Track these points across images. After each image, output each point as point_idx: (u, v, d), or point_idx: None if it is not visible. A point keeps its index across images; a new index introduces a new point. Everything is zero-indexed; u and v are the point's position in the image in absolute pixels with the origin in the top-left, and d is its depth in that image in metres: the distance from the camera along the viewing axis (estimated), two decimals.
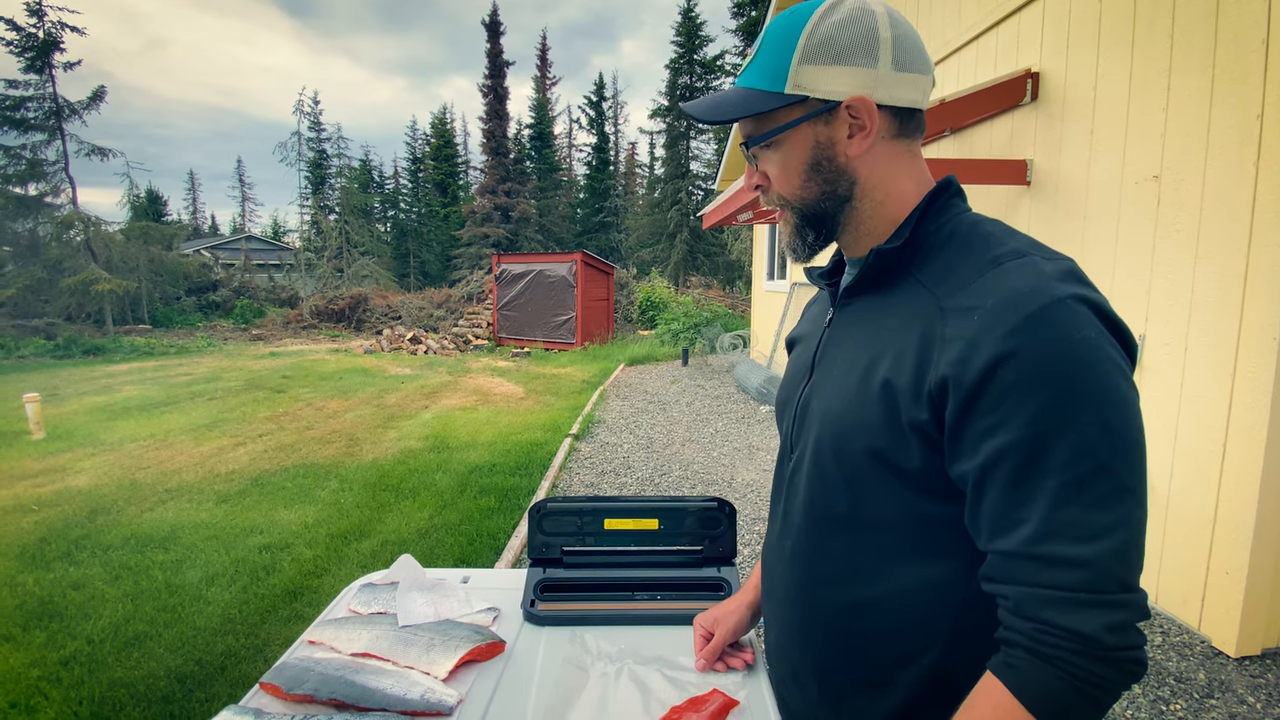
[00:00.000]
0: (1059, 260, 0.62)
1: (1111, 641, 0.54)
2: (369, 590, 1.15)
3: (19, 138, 16.68)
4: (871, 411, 0.67)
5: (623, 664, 0.95)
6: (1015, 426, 0.56)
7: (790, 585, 0.79)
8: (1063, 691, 0.55)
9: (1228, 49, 2.45)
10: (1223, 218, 2.48)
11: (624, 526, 1.16)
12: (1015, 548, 0.57)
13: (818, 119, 0.69)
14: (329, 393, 8.74)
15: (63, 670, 2.52)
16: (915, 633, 0.69)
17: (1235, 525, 2.46)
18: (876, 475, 0.68)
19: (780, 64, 0.69)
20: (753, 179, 0.77)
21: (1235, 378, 2.45)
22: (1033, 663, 0.56)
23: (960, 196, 0.73)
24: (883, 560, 0.70)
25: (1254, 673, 2.41)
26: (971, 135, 4.11)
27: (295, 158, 27.09)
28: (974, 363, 0.58)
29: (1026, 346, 0.56)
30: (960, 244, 0.68)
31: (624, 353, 12.44)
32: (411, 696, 0.87)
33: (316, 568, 3.39)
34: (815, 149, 0.70)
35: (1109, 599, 0.55)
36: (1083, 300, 0.58)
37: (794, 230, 0.76)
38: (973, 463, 0.60)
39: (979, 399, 0.58)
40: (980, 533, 0.61)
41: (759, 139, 0.73)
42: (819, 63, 0.67)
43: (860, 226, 0.74)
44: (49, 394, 8.63)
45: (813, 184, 0.72)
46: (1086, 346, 0.56)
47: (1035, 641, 0.56)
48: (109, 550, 3.64)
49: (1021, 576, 0.57)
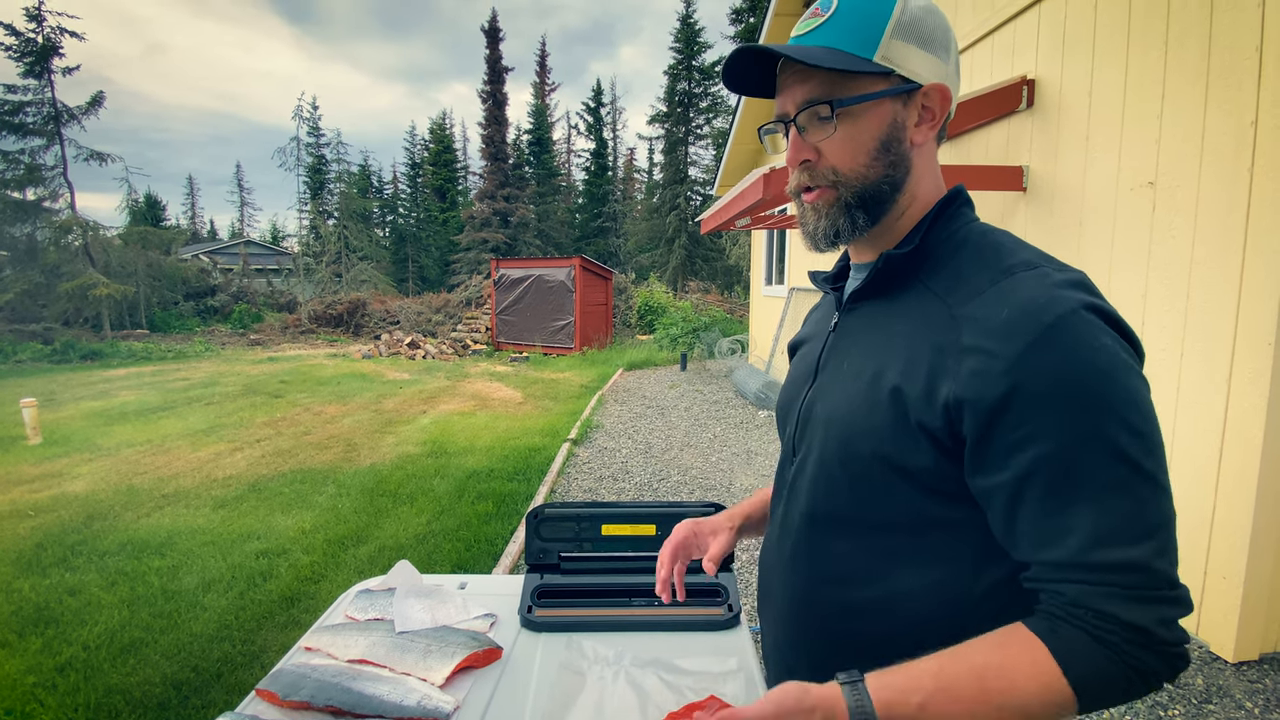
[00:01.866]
0: (1069, 271, 0.63)
1: (1164, 635, 0.56)
2: (366, 596, 1.15)
3: (17, 142, 16.69)
4: (880, 417, 0.67)
5: (620, 669, 0.95)
6: (1046, 438, 0.57)
7: (790, 586, 0.79)
8: (1112, 674, 0.56)
9: (1221, 56, 2.46)
10: (1218, 223, 2.49)
11: (621, 532, 1.17)
12: (1067, 557, 0.58)
13: (899, 97, 0.68)
14: (327, 398, 8.72)
15: (58, 677, 2.50)
16: (914, 635, 0.69)
17: (1232, 530, 2.47)
18: (883, 478, 0.68)
19: (872, 31, 0.66)
20: (801, 151, 0.71)
21: (1231, 382, 2.45)
22: (1088, 644, 0.57)
23: (969, 206, 0.74)
24: (885, 562, 0.70)
25: (1252, 678, 2.41)
26: (968, 141, 4.13)
27: (294, 163, 27.11)
28: (996, 376, 0.59)
29: (1049, 359, 0.57)
30: (971, 252, 0.68)
31: (622, 357, 12.44)
32: (408, 703, 0.87)
33: (314, 573, 3.38)
34: (890, 127, 0.69)
35: (1160, 595, 0.56)
36: (1094, 309, 0.59)
37: (842, 210, 0.71)
38: (1003, 476, 0.60)
39: (1006, 412, 0.58)
40: (1019, 544, 0.61)
41: (843, 102, 0.67)
42: (908, 41, 0.67)
43: (889, 222, 0.73)
44: (46, 399, 8.60)
45: (879, 163, 0.70)
46: (1105, 354, 0.58)
47: (1093, 628, 0.57)
48: (105, 556, 3.63)
49: (1076, 579, 0.58)
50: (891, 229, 0.74)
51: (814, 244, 0.75)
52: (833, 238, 0.73)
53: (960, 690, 0.57)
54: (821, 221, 0.73)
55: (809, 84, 0.69)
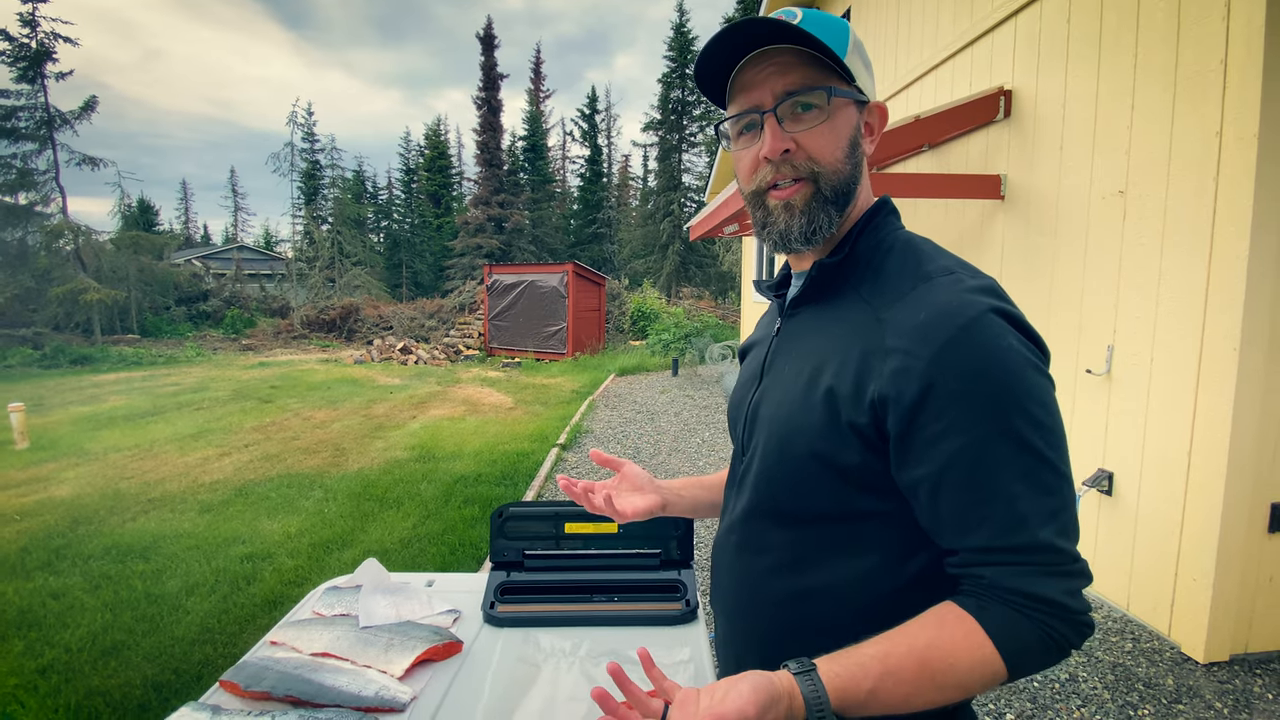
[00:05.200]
0: (981, 278, 0.68)
1: (1072, 604, 0.62)
2: (333, 593, 1.18)
3: (9, 147, 16.70)
4: (815, 416, 0.71)
5: (575, 661, 0.98)
6: (960, 432, 0.62)
7: (736, 577, 0.83)
8: (1033, 644, 0.62)
9: (1188, 68, 2.53)
10: (1185, 231, 2.55)
11: (583, 530, 1.20)
12: (985, 543, 0.63)
13: (860, 105, 0.74)
14: (317, 403, 8.71)
15: (40, 679, 2.51)
16: (852, 621, 0.73)
17: (1201, 532, 2.51)
18: (818, 474, 0.72)
19: (840, 38, 0.71)
20: (780, 141, 0.70)
21: (1199, 388, 2.50)
22: (1013, 618, 0.62)
23: (895, 215, 0.78)
24: (821, 552, 0.74)
25: (1221, 679, 2.45)
26: (948, 151, 4.20)
27: (289, 168, 27.09)
28: (914, 375, 0.63)
29: (961, 358, 0.62)
30: (896, 259, 0.73)
31: (614, 363, 12.47)
32: (366, 694, 0.89)
33: (297, 577, 3.39)
34: (856, 130, 0.74)
35: (1065, 569, 0.63)
36: (1001, 313, 0.64)
37: (820, 205, 0.72)
38: (925, 469, 0.64)
39: (922, 409, 0.63)
40: (943, 532, 0.66)
41: (839, 91, 0.70)
42: (860, 60, 0.73)
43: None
44: (34, 404, 8.57)
45: (850, 160, 0.73)
46: (1012, 354, 0.63)
47: (1014, 604, 0.62)
48: (89, 560, 3.63)
49: (993, 562, 0.64)
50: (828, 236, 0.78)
51: (785, 244, 0.75)
52: (809, 235, 0.73)
53: (905, 672, 0.61)
54: (797, 219, 0.73)
55: (790, 75, 0.70)
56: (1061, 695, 2.38)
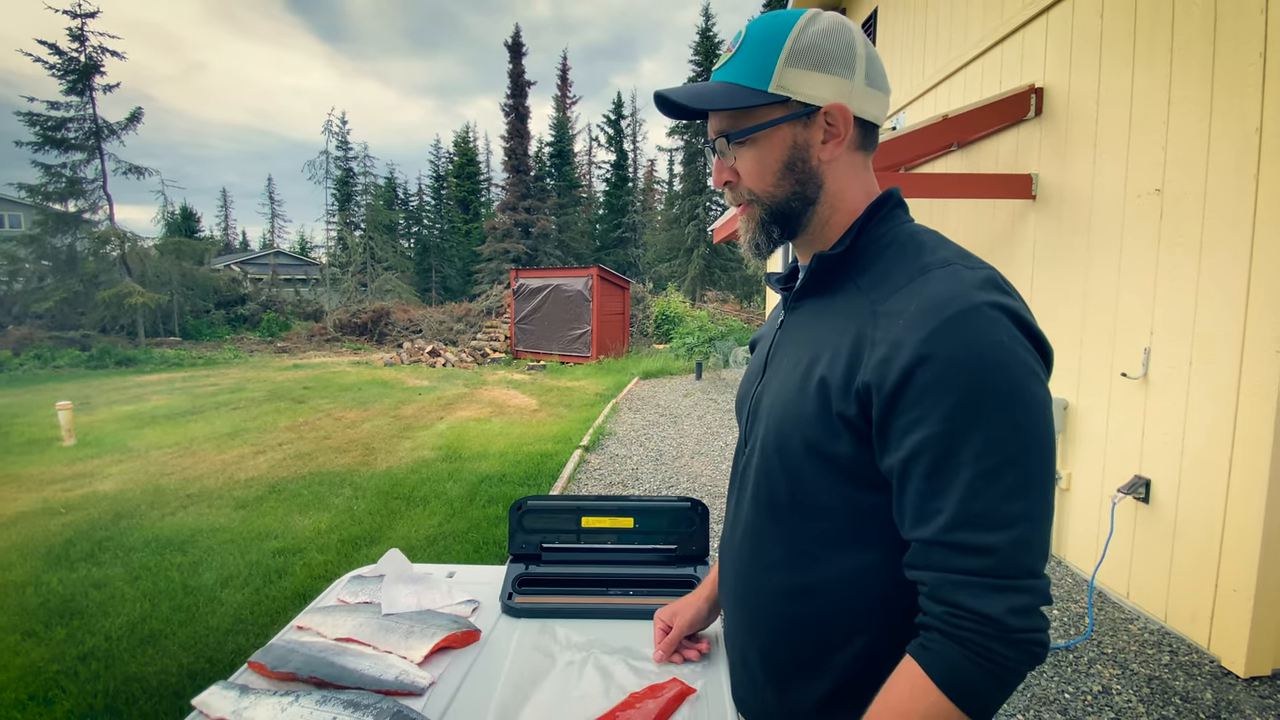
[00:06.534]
0: (981, 269, 0.66)
1: (1015, 623, 0.58)
2: (357, 582, 1.21)
3: (60, 157, 17.39)
4: (809, 407, 0.71)
5: (589, 653, 0.99)
6: (932, 422, 0.61)
7: (739, 572, 0.83)
8: (970, 670, 0.59)
9: (1226, 63, 2.45)
10: (1224, 230, 2.47)
11: (600, 524, 1.21)
12: (931, 536, 0.62)
13: (797, 121, 0.73)
14: (348, 403, 8.90)
15: (80, 665, 2.61)
16: (850, 618, 0.73)
17: (1242, 542, 2.42)
18: (813, 466, 0.72)
19: (765, 63, 0.71)
20: (722, 174, 0.79)
21: (1240, 391, 2.42)
22: (944, 644, 0.60)
23: (902, 208, 0.77)
24: (820, 547, 0.74)
25: (1263, 694, 2.35)
26: (978, 150, 4.13)
27: (323, 176, 27.76)
28: (896, 363, 0.62)
29: (942, 349, 0.60)
30: (896, 252, 0.72)
31: (638, 366, 12.49)
32: (386, 677, 0.92)
33: (326, 571, 3.46)
34: (792, 149, 0.74)
35: (1013, 584, 0.59)
36: (999, 307, 0.62)
37: (759, 226, 0.78)
38: (896, 456, 0.64)
39: (900, 397, 0.62)
40: (904, 522, 0.66)
41: (739, 134, 0.74)
42: (802, 67, 0.71)
43: (816, 229, 0.78)
44: (81, 402, 8.91)
45: (785, 183, 0.75)
46: (1000, 350, 0.60)
47: (947, 624, 0.60)
48: (130, 552, 3.76)
49: (936, 562, 0.62)
50: (822, 234, 0.78)
51: (747, 252, 0.82)
52: (756, 248, 0.80)
53: None
54: (746, 235, 0.80)
55: (716, 122, 0.77)
56: (1094, 708, 2.31)
